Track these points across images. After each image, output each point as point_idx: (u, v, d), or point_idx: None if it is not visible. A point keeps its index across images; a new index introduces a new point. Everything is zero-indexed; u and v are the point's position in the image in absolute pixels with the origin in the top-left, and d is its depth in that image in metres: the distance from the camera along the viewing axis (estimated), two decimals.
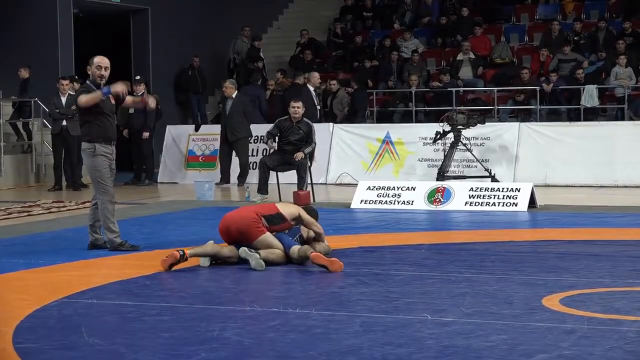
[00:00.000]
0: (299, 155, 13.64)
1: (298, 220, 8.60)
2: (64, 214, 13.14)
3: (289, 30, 25.42)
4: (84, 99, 9.35)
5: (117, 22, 22.36)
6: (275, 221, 8.49)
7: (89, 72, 9.71)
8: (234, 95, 17.51)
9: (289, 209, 8.67)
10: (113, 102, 9.65)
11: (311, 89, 18.46)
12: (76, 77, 18.46)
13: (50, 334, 5.96)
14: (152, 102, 10.98)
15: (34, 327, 6.13)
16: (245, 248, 8.18)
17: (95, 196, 9.61)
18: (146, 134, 17.71)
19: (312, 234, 8.59)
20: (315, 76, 19.07)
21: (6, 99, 19.34)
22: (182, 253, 8.15)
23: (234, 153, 17.46)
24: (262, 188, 13.91)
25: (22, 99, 18.54)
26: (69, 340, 5.78)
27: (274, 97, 20.72)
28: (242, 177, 17.19)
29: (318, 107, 18.47)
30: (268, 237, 8.34)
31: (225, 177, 17.42)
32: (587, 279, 7.55)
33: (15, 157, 18.53)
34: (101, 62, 9.58)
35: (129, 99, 10.08)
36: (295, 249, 8.25)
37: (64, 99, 17.35)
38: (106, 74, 9.64)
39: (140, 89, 17.48)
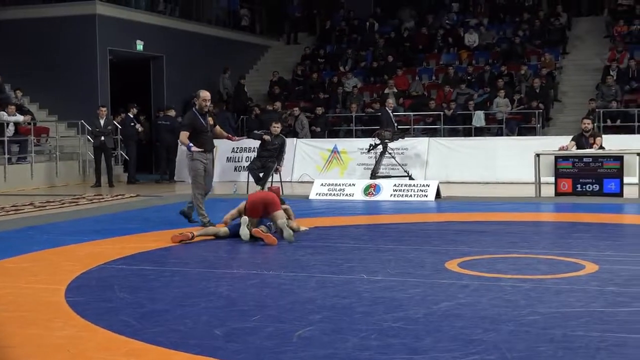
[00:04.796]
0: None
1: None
2: (102, 204, 13.02)
3: (264, 71, 25.33)
4: (181, 138, 9.38)
5: (141, 65, 22.20)
6: (281, 201, 8.73)
7: (196, 102, 9.62)
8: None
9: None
10: (211, 122, 9.71)
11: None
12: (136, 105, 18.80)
13: (92, 291, 5.91)
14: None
15: (80, 285, 6.08)
16: (285, 220, 8.27)
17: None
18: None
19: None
20: (278, 105, 19.86)
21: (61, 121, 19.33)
22: (192, 234, 8.28)
23: None
24: (257, 182, 13.84)
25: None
26: (105, 295, 5.73)
27: (254, 119, 20.76)
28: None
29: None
30: (281, 212, 8.43)
31: None
32: (477, 249, 7.59)
33: (66, 162, 18.37)
34: (206, 97, 9.55)
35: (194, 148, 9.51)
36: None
37: (102, 121, 17.28)
38: (209, 104, 9.64)
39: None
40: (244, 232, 8.16)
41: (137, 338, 4.49)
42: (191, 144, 9.27)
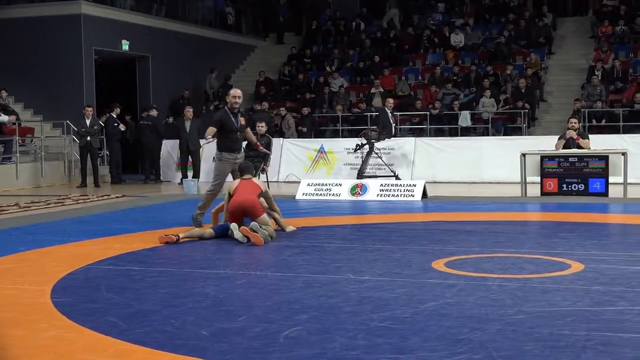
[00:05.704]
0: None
1: (265, 195, 8.71)
2: (88, 205, 12.98)
3: (251, 71, 25.31)
4: (207, 133, 9.25)
5: (126, 65, 22.13)
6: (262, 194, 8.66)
7: (227, 100, 9.55)
8: (191, 118, 17.89)
9: (262, 186, 8.77)
10: (243, 123, 9.47)
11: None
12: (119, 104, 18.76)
13: (77, 291, 5.89)
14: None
15: (66, 286, 6.06)
16: (257, 223, 8.16)
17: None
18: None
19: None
20: (265, 105, 19.93)
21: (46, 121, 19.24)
22: (177, 237, 8.23)
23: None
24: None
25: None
26: (91, 295, 5.71)
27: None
28: (196, 175, 17.22)
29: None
30: (265, 217, 8.41)
31: (184, 175, 17.47)
32: (464, 248, 7.60)
33: (51, 162, 18.30)
34: (235, 94, 9.44)
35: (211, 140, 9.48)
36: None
37: (88, 121, 17.23)
38: (239, 101, 9.46)
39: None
40: (239, 236, 8.13)
41: (123, 339, 4.48)
42: (209, 137, 9.18)
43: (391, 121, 16.97)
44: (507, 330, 4.52)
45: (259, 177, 13.87)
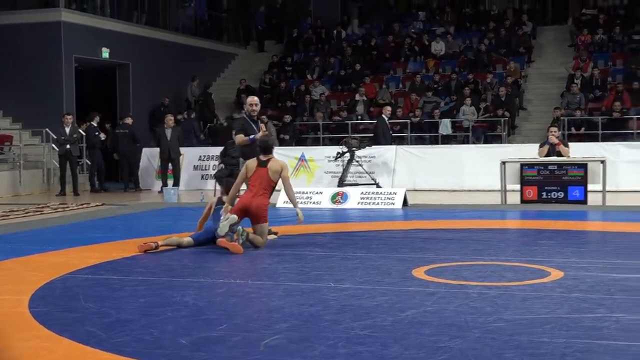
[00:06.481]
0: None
1: (283, 175, 8.58)
2: (67, 213, 12.90)
3: (232, 79, 25.30)
4: (239, 140, 9.28)
5: (107, 72, 22.05)
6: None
7: (245, 107, 9.56)
8: (172, 126, 17.83)
9: (275, 166, 8.57)
10: (263, 129, 9.50)
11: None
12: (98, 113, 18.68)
13: (56, 301, 5.84)
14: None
15: (44, 295, 6.00)
16: (245, 231, 8.11)
17: None
18: None
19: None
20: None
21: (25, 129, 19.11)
22: (156, 244, 8.18)
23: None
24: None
25: None
26: (70, 305, 5.67)
27: (222, 126, 20.89)
28: (177, 183, 17.16)
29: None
30: (265, 226, 8.42)
31: (164, 184, 17.34)
32: (444, 256, 7.61)
33: (30, 171, 18.19)
34: (252, 101, 9.45)
35: (258, 135, 9.36)
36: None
37: (67, 129, 17.15)
38: (257, 108, 9.47)
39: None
40: (223, 224, 8.07)
41: (102, 348, 4.44)
42: (252, 135, 9.14)
43: (389, 128, 17.11)
44: (486, 338, 4.53)
45: None
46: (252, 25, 27.50)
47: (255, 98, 9.58)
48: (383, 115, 17.59)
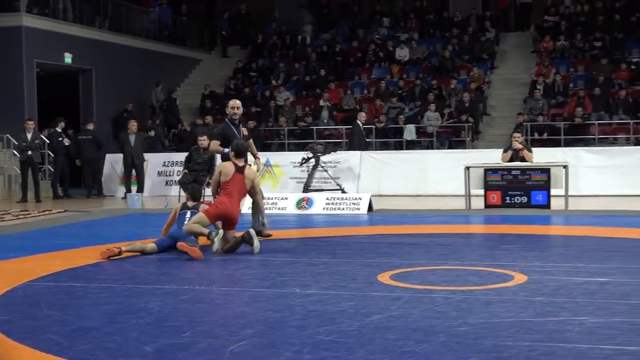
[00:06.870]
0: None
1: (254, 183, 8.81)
2: (29, 220, 12.73)
3: (196, 84, 25.20)
4: (213, 147, 9.29)
5: (69, 78, 21.83)
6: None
7: (227, 112, 9.48)
8: (135, 131, 17.74)
9: (251, 174, 8.74)
10: (245, 134, 9.47)
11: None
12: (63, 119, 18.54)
13: (17, 309, 5.75)
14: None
15: (5, 303, 5.92)
16: (219, 234, 8.15)
17: None
18: None
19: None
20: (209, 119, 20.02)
21: None
22: (119, 250, 8.10)
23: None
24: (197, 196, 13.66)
25: None
26: (32, 312, 5.59)
27: (186, 131, 20.76)
28: (140, 189, 17.04)
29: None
30: (233, 233, 8.44)
31: (128, 190, 17.19)
32: (409, 261, 7.63)
33: None
34: (233, 105, 9.42)
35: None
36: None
37: (29, 135, 16.95)
38: (239, 112, 9.41)
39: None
40: (217, 239, 8.12)
41: (64, 356, 4.39)
42: (226, 149, 9.07)
43: (363, 134, 17.16)
44: (451, 342, 4.56)
45: (204, 191, 13.75)
46: (217, 31, 27.43)
47: (237, 101, 9.54)
48: (358, 121, 17.64)
